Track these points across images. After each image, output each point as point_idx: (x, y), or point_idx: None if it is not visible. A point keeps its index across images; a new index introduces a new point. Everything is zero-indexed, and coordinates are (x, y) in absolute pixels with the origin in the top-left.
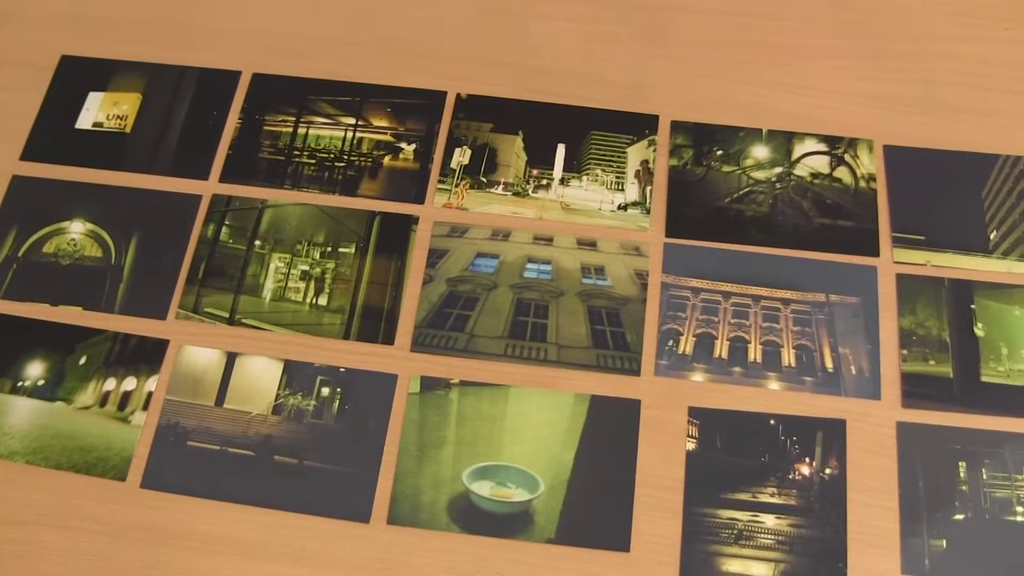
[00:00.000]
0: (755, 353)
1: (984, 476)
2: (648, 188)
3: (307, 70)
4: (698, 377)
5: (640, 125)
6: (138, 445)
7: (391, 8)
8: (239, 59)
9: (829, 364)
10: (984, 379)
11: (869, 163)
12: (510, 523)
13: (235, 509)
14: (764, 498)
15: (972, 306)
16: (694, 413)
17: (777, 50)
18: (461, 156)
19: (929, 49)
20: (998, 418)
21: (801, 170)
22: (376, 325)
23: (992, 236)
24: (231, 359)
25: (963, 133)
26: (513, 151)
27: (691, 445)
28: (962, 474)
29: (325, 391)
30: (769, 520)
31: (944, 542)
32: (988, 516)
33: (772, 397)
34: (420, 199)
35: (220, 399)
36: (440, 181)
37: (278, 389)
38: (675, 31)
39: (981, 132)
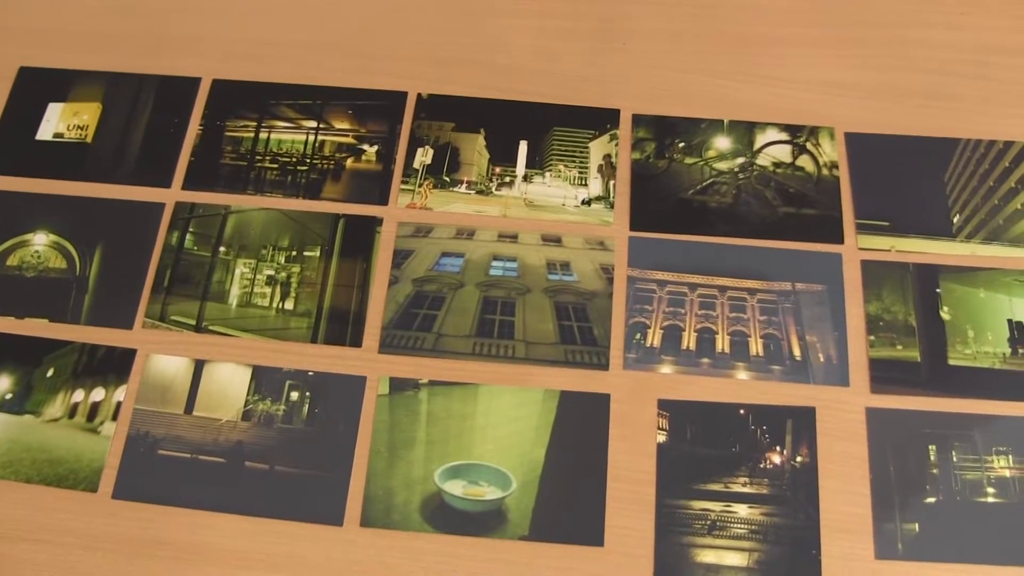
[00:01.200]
0: (723, 343)
1: (954, 459)
2: (611, 182)
3: (267, 74)
4: (666, 369)
5: (601, 120)
6: (108, 456)
7: (349, 11)
8: (198, 66)
9: (797, 352)
10: (952, 362)
11: (831, 151)
12: (483, 521)
13: (208, 516)
14: (736, 488)
15: (937, 290)
16: (664, 405)
17: (736, 40)
18: (423, 156)
19: (888, 35)
20: (967, 401)
21: (763, 160)
22: (343, 328)
23: (955, 220)
24: (199, 366)
25: (924, 118)
26: (475, 149)
27: (661, 437)
28: (932, 457)
29: (294, 395)
30: (742, 510)
31: (916, 526)
32: (959, 498)
33: (741, 387)
34: (383, 200)
35: (189, 407)
36: (403, 182)
37: (247, 395)
38: (633, 24)
39: (942, 117)
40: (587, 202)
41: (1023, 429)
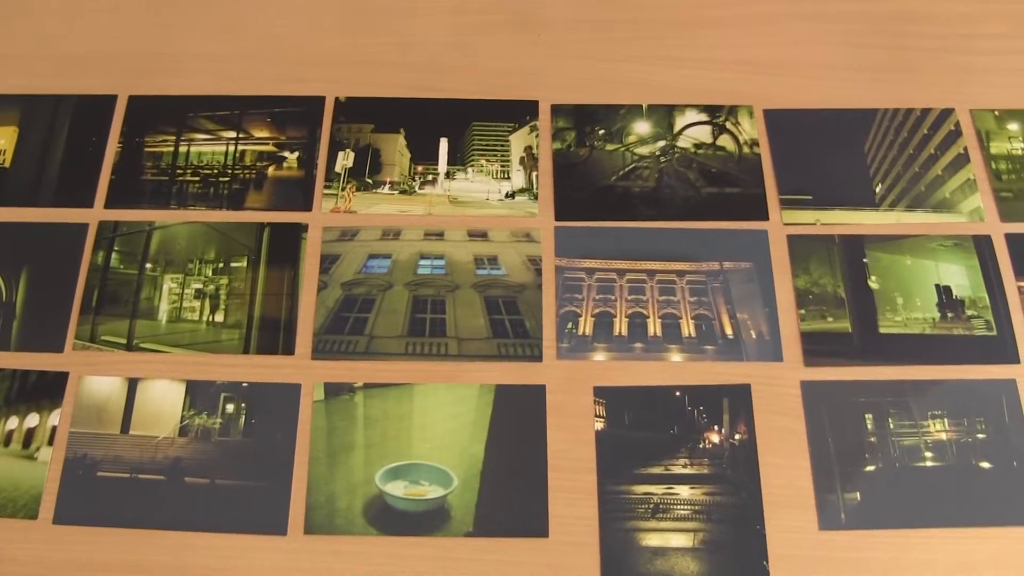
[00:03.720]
0: (655, 327)
1: (891, 426)
2: (534, 174)
3: (183, 88)
4: (600, 356)
5: (520, 112)
6: (47, 481)
7: (261, 19)
8: (114, 83)
9: (729, 331)
10: (883, 330)
11: (751, 129)
12: (427, 520)
13: (151, 535)
14: (677, 470)
15: (864, 260)
16: (599, 393)
17: (650, 25)
18: (345, 159)
19: (800, 10)
20: (900, 368)
21: (684, 142)
22: (275, 336)
23: (878, 189)
24: (133, 385)
25: (841, 91)
26: (396, 149)
27: (599, 425)
28: (870, 426)
29: (230, 408)
30: (684, 491)
31: (858, 495)
32: (899, 464)
33: (675, 369)
34: (307, 206)
35: (125, 426)
36: (326, 186)
37: (182, 410)
38: (545, 15)
39: (858, 88)
40: (511, 195)
41: (957, 392)
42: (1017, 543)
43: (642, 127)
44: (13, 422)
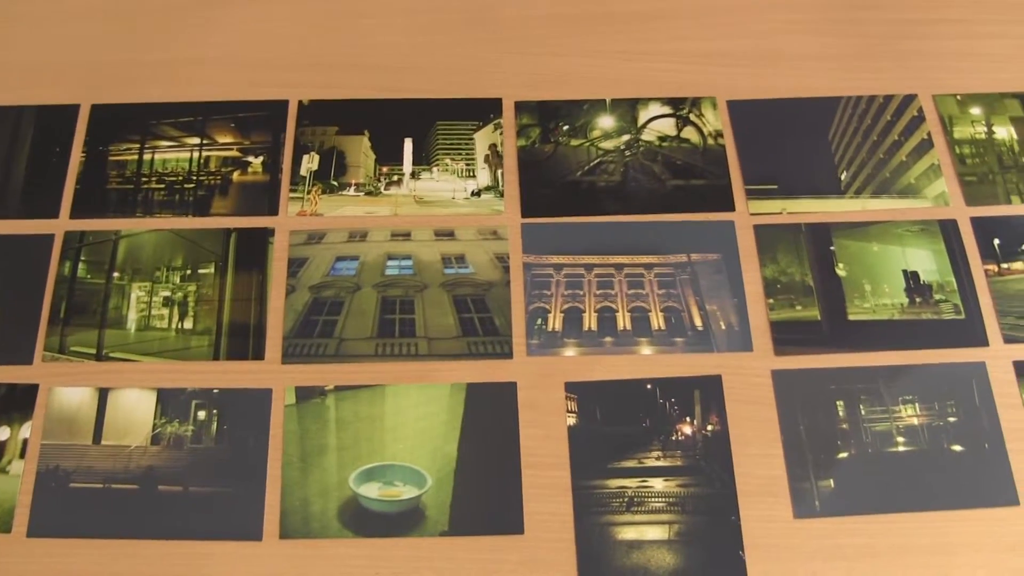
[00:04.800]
0: (624, 321)
1: (863, 412)
2: (499, 171)
3: (146, 95)
4: (570, 352)
5: (484, 110)
6: (20, 494)
7: (222, 25)
8: (76, 92)
9: (698, 322)
10: (851, 317)
11: (715, 120)
12: (402, 521)
13: (126, 545)
14: (650, 463)
15: (831, 247)
16: (571, 388)
17: (610, 19)
18: (310, 162)
19: (760, 0)
20: (869, 354)
21: (648, 135)
22: (244, 342)
23: (843, 177)
24: (103, 395)
25: (803, 80)
26: (361, 151)
27: (571, 420)
28: (841, 413)
29: (201, 414)
30: (658, 484)
31: (832, 482)
32: (871, 451)
33: (646, 362)
34: (273, 210)
35: (97, 437)
36: (292, 190)
37: (154, 419)
38: (505, 12)
39: (820, 77)
40: (476, 193)
41: (927, 376)
42: (990, 524)
43: (606, 121)
44: None
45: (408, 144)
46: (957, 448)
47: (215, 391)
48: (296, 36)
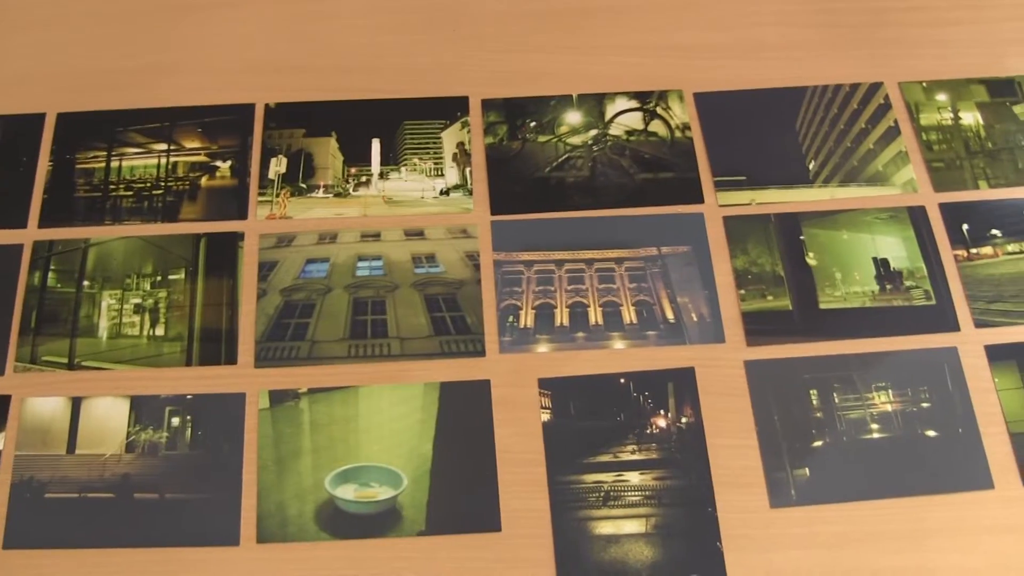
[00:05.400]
0: (596, 316)
1: (836, 400)
2: (467, 169)
3: (112, 102)
4: (543, 348)
5: (451, 108)
6: None
7: (186, 31)
8: (41, 101)
9: (670, 315)
10: (823, 306)
11: (682, 113)
12: (379, 522)
13: (103, 554)
14: (625, 456)
15: (801, 237)
16: (544, 384)
17: (574, 14)
18: (278, 165)
19: None
20: (842, 342)
21: (616, 129)
22: (217, 347)
23: (811, 166)
24: (76, 404)
25: (769, 70)
26: (329, 153)
27: (546, 416)
28: (815, 402)
29: (175, 421)
30: (634, 477)
31: (807, 470)
32: (846, 438)
33: (619, 356)
34: (243, 214)
35: (71, 446)
36: (260, 193)
37: (128, 426)
38: (468, 10)
39: (786, 67)
40: (445, 192)
41: (899, 363)
42: (965, 509)
43: (573, 117)
44: None
45: (376, 145)
46: (931, 433)
47: (188, 397)
48: (261, 39)
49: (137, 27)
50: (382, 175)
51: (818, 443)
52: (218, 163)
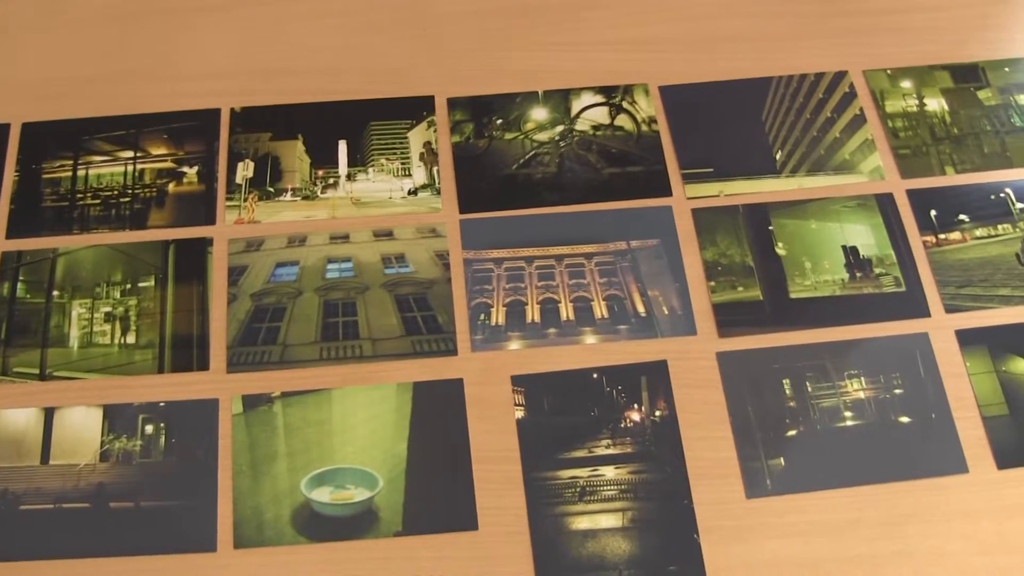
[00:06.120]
0: (567, 312)
1: (809, 389)
2: (435, 169)
3: (77, 111)
4: (515, 345)
5: (417, 108)
6: None
7: (149, 37)
8: (5, 111)
9: (641, 309)
10: (793, 296)
11: (648, 106)
12: (356, 524)
13: (80, 565)
14: (600, 451)
15: (770, 227)
16: (517, 381)
17: (539, 11)
18: (245, 170)
19: None
20: (813, 331)
21: (582, 124)
22: (188, 353)
23: (778, 156)
24: (49, 415)
25: (734, 62)
26: (295, 156)
27: (520, 413)
28: (788, 391)
29: (149, 428)
30: (609, 472)
31: (782, 460)
32: (819, 427)
33: (591, 351)
34: (211, 220)
35: (45, 457)
36: (228, 198)
37: (102, 435)
38: (433, 10)
39: (751, 58)
40: (413, 192)
41: (871, 350)
42: (939, 493)
43: (539, 113)
44: None
45: (342, 146)
46: (904, 420)
47: (162, 404)
48: (225, 44)
49: (100, 35)
50: (350, 177)
51: (792, 432)
52: (185, 169)
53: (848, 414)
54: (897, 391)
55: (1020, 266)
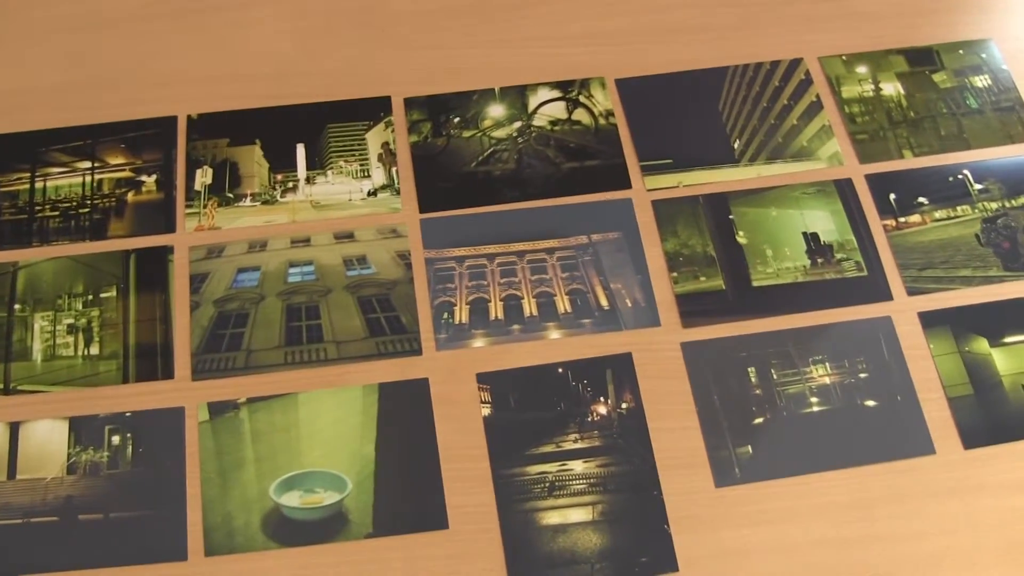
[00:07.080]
0: (530, 307)
1: (775, 376)
2: (394, 169)
3: (32, 123)
4: (479, 343)
5: (374, 109)
6: None
7: (103, 46)
8: None
9: (604, 302)
10: (755, 284)
11: (604, 100)
12: (326, 527)
13: None
14: (568, 446)
15: (730, 216)
16: (483, 379)
17: (492, 7)
18: (203, 176)
19: None
20: (776, 318)
21: (540, 120)
22: (153, 362)
23: (736, 145)
24: (15, 429)
25: (689, 53)
26: (254, 161)
27: (486, 411)
28: (753, 379)
29: (116, 439)
30: (577, 466)
31: (750, 448)
32: (786, 414)
33: (555, 346)
34: (171, 228)
35: (11, 472)
36: (187, 206)
37: (68, 448)
38: (386, 9)
39: (706, 48)
40: (373, 193)
41: (835, 335)
42: (907, 475)
43: (496, 110)
44: None
45: (300, 150)
46: (870, 403)
47: (127, 414)
48: (179, 51)
49: (54, 46)
50: (309, 180)
51: (759, 420)
52: (143, 178)
53: (814, 400)
54: (862, 375)
55: (980, 247)
